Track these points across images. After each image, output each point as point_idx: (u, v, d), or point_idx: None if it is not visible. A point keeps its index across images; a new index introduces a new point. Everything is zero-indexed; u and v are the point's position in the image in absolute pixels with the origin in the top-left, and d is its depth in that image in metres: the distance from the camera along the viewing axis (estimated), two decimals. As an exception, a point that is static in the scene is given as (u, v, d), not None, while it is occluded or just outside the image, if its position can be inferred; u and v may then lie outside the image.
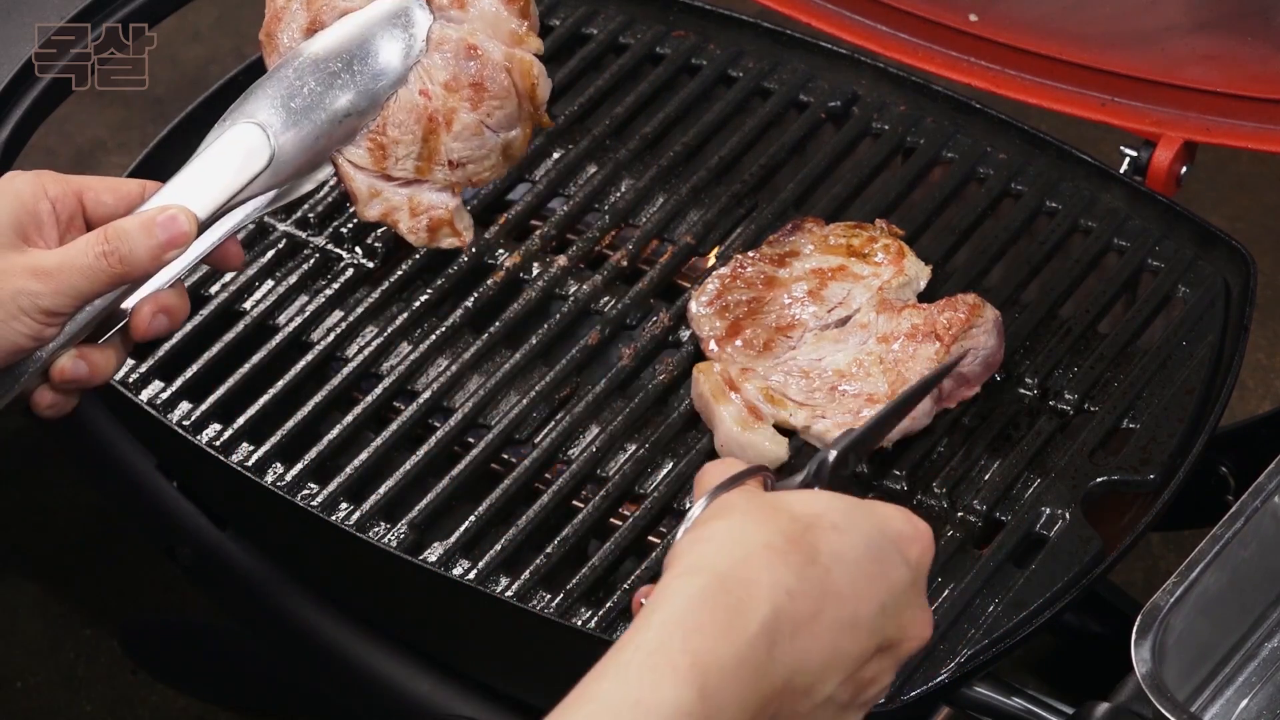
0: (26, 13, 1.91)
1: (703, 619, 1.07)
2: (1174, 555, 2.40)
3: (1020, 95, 1.96)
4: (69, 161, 2.96)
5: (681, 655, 1.06)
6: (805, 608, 1.10)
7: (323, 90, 1.44)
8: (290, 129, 1.42)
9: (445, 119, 1.47)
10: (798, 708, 1.11)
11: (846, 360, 1.69)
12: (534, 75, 1.52)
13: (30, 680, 2.40)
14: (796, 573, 1.10)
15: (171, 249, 1.36)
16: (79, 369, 1.37)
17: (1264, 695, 1.57)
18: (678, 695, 1.05)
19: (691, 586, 1.08)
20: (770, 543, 1.11)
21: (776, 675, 1.09)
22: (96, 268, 1.34)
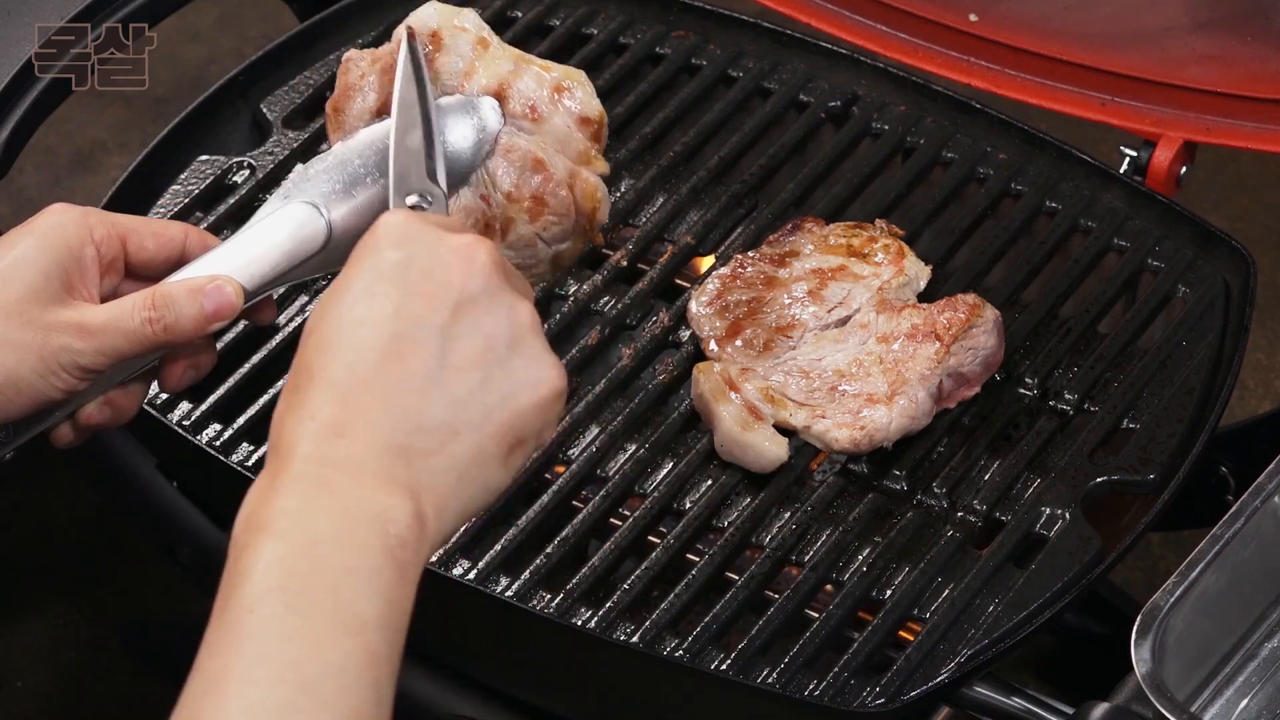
0: (26, 13, 1.91)
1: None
2: (1174, 555, 2.40)
3: (1020, 95, 1.96)
4: (69, 161, 2.96)
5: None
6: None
7: (384, 180, 1.41)
8: (349, 219, 1.40)
9: (502, 228, 1.47)
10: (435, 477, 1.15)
11: (846, 360, 1.69)
12: (597, 199, 1.52)
13: (30, 680, 2.40)
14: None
15: (217, 320, 1.36)
16: (104, 415, 1.38)
17: (1264, 695, 1.57)
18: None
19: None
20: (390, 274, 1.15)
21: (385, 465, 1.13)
22: (141, 333, 1.34)
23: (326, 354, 1.15)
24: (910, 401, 1.65)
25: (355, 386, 1.13)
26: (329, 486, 1.11)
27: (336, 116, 1.52)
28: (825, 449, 1.66)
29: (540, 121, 1.50)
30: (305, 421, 1.12)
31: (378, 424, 1.12)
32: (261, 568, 1.07)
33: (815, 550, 1.61)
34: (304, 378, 1.14)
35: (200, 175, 1.87)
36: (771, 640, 1.56)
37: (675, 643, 1.56)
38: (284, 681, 1.03)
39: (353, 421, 1.12)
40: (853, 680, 1.53)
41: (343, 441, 1.12)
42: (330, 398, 1.13)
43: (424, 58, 1.41)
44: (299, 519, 1.09)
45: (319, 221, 1.39)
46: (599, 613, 1.57)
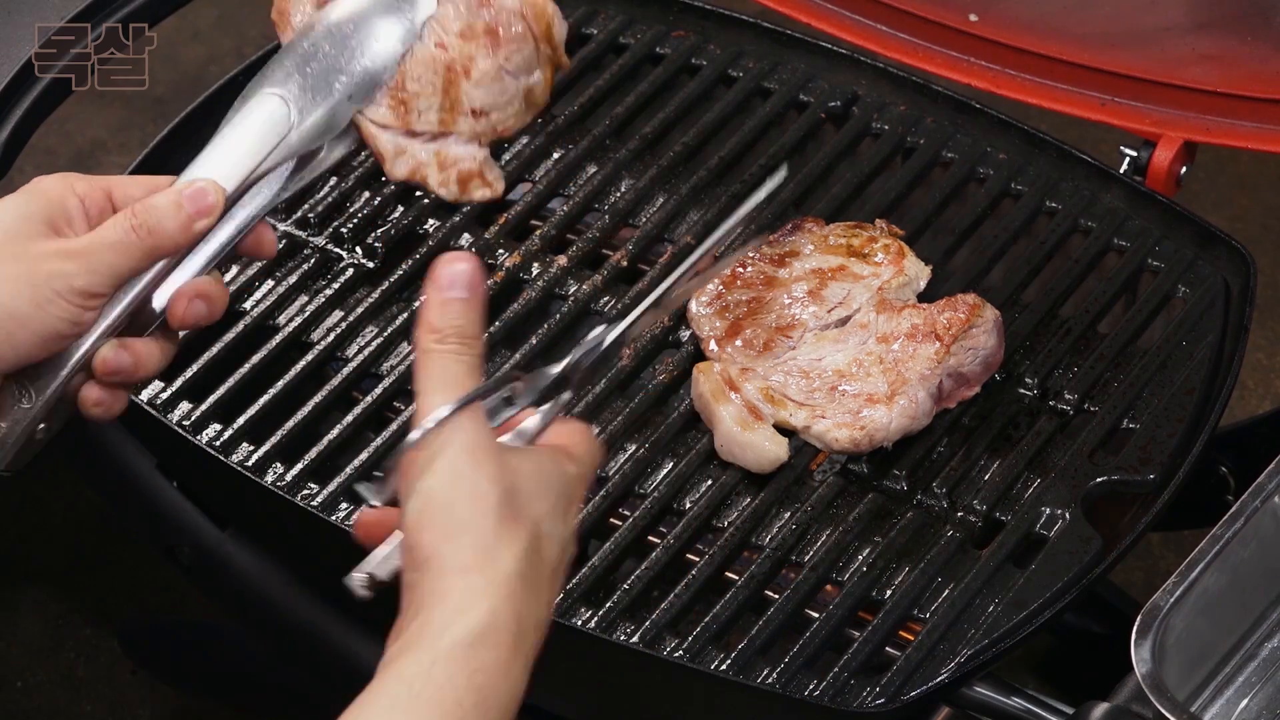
0: (26, 13, 1.91)
1: (484, 659, 1.17)
2: (1174, 555, 2.40)
3: (1020, 95, 1.96)
4: (69, 161, 2.96)
5: (468, 693, 1.16)
6: (542, 627, 1.22)
7: (337, 53, 1.43)
8: (308, 92, 1.41)
9: (464, 67, 1.46)
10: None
11: (846, 360, 1.69)
12: (548, 14, 1.51)
13: (30, 680, 2.40)
14: (542, 602, 1.21)
15: (200, 218, 1.35)
16: (122, 359, 1.34)
17: (1264, 695, 1.57)
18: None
19: (472, 621, 1.17)
20: (521, 571, 1.19)
21: (527, 673, 1.21)
22: (126, 241, 1.33)
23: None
24: (910, 401, 1.65)
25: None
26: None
27: (283, 19, 1.52)
28: (825, 449, 1.66)
29: None
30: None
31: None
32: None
33: (815, 550, 1.61)
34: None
35: (200, 175, 1.86)
36: (771, 640, 1.56)
37: (675, 643, 1.56)
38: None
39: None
40: (853, 680, 1.53)
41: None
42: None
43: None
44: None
45: (280, 105, 1.40)
46: (599, 613, 1.57)
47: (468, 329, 1.25)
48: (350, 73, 1.43)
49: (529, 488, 1.22)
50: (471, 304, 1.25)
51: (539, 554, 1.21)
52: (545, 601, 1.22)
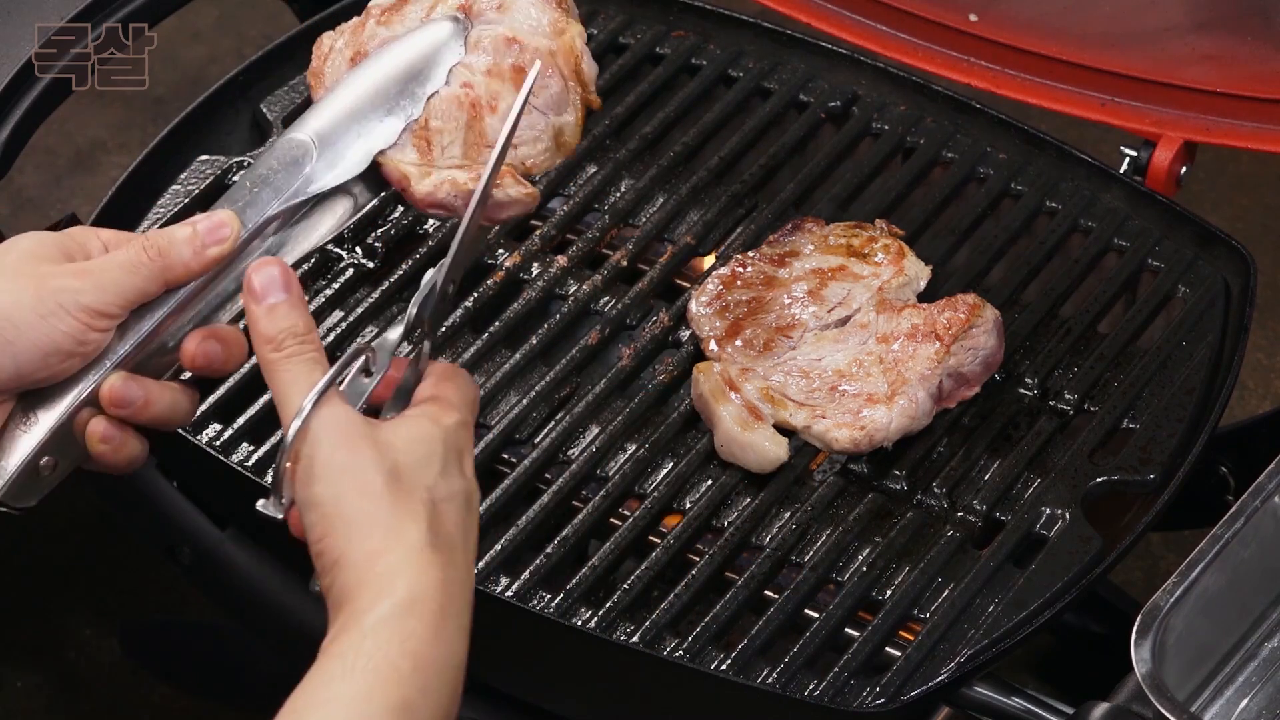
0: (26, 13, 1.91)
1: (414, 627, 1.21)
2: (1174, 555, 2.40)
3: (1020, 95, 1.96)
4: (69, 161, 2.96)
5: (402, 659, 1.20)
6: (467, 589, 1.26)
7: (363, 100, 1.44)
8: (331, 136, 1.42)
9: (489, 103, 1.46)
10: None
11: (846, 360, 1.69)
12: (577, 50, 1.51)
13: (30, 680, 2.40)
14: (457, 565, 1.25)
15: (213, 245, 1.33)
16: (131, 390, 1.32)
17: (1264, 695, 1.57)
18: (404, 693, 1.19)
19: (396, 599, 1.21)
20: (429, 542, 1.23)
21: (464, 653, 1.25)
22: (137, 260, 1.31)
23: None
24: (910, 401, 1.65)
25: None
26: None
27: (317, 79, 1.53)
28: (825, 449, 1.66)
29: (505, 10, 1.50)
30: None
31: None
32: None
33: (815, 550, 1.61)
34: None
35: (200, 175, 1.87)
36: (771, 640, 1.56)
37: (675, 643, 1.56)
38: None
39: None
40: (853, 680, 1.53)
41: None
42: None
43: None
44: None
45: (303, 143, 1.40)
46: (599, 613, 1.57)
47: (298, 327, 1.28)
48: (375, 115, 1.43)
49: (411, 459, 1.25)
50: (292, 302, 1.28)
51: (441, 519, 1.24)
52: (462, 562, 1.25)
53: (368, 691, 1.18)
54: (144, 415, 1.34)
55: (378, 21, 1.52)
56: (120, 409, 1.33)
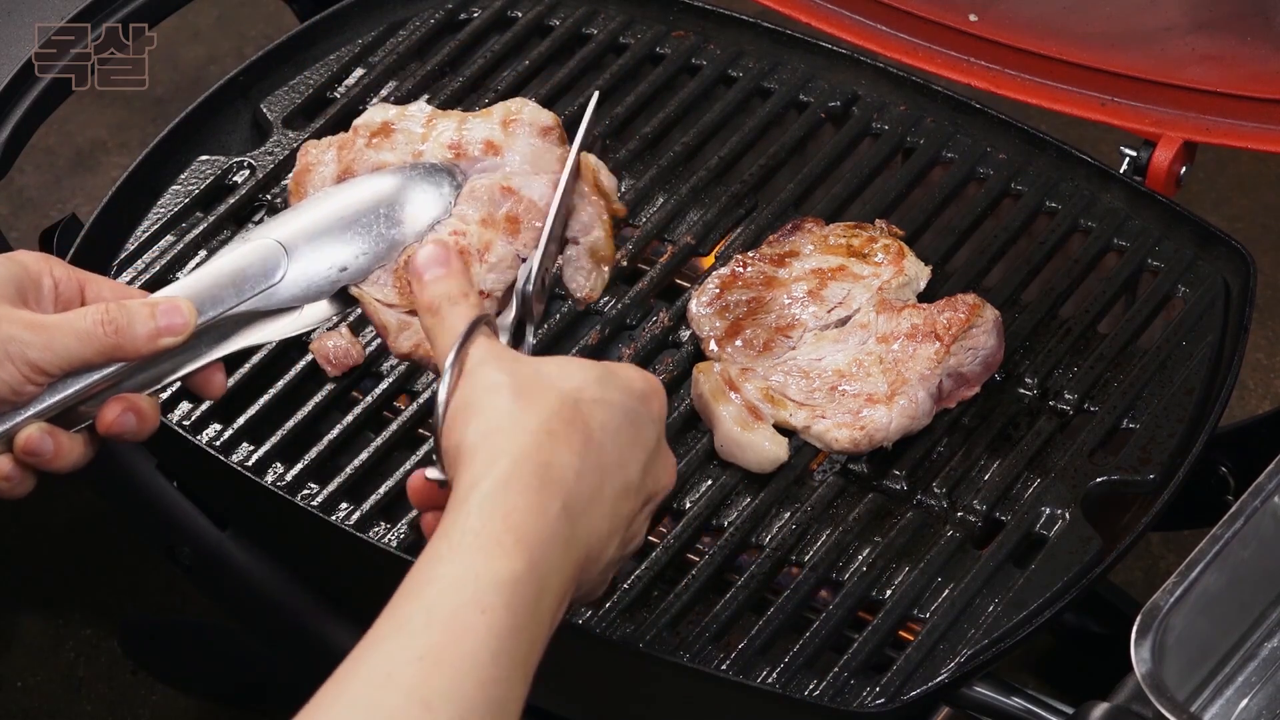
0: (26, 13, 1.91)
1: (515, 501, 1.21)
2: (1174, 555, 2.40)
3: (1020, 95, 1.96)
4: (69, 162, 2.96)
5: (505, 534, 1.20)
6: (590, 484, 1.25)
7: (345, 227, 1.46)
8: (306, 253, 1.44)
9: (479, 252, 1.49)
10: (591, 572, 1.28)
11: (846, 360, 1.69)
12: (593, 166, 1.53)
13: (30, 680, 2.40)
14: (578, 453, 1.25)
15: (169, 335, 1.38)
16: (45, 445, 1.36)
17: (1264, 695, 1.57)
18: (511, 566, 1.19)
19: (497, 472, 1.22)
20: (549, 426, 1.25)
21: (578, 547, 1.24)
22: (92, 333, 1.35)
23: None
24: (910, 401, 1.65)
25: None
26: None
27: (298, 190, 1.56)
28: (825, 449, 1.66)
29: (501, 153, 1.52)
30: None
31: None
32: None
33: (815, 550, 1.61)
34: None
35: (200, 175, 1.87)
36: (771, 640, 1.56)
37: (675, 643, 1.56)
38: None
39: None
40: (853, 680, 1.53)
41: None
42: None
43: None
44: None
45: (277, 253, 1.43)
46: (599, 613, 1.57)
47: (453, 291, 1.34)
48: (353, 249, 1.47)
49: (556, 370, 1.28)
50: (449, 275, 1.34)
51: (577, 413, 1.26)
52: (594, 459, 1.25)
53: (472, 568, 1.19)
54: (50, 466, 1.38)
55: (367, 144, 1.53)
56: (30, 458, 1.37)
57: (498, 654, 1.17)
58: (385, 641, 1.17)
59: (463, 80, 1.94)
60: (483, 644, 1.17)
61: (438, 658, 1.16)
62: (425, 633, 1.16)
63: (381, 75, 1.94)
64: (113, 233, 1.82)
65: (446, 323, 1.33)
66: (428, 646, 1.16)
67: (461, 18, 2.00)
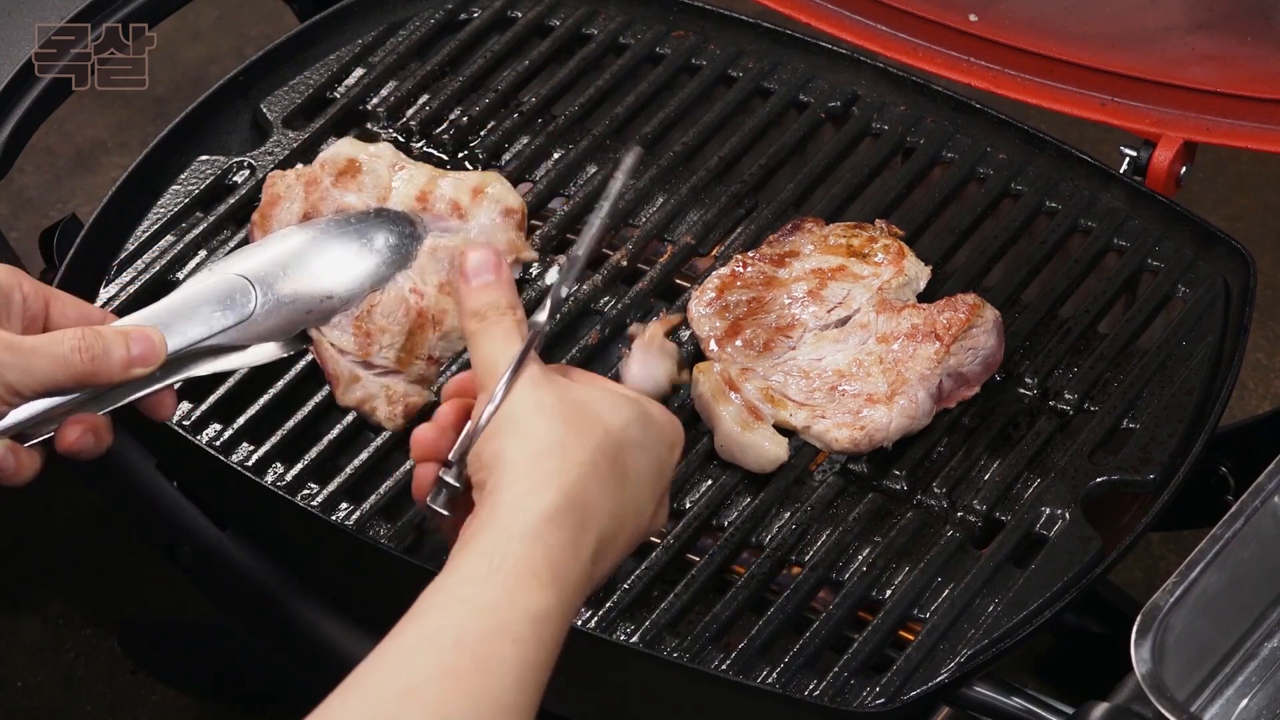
0: (26, 13, 1.91)
1: (558, 537, 1.22)
2: (1174, 555, 2.40)
3: (1020, 95, 1.97)
4: (69, 161, 2.96)
5: (545, 568, 1.21)
6: (615, 527, 1.27)
7: (314, 270, 1.51)
8: (275, 292, 1.48)
9: (435, 318, 1.53)
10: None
11: (846, 360, 1.69)
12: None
13: (30, 680, 2.40)
14: (616, 495, 1.27)
15: (141, 365, 1.41)
16: (7, 461, 1.39)
17: (1264, 695, 1.57)
18: (546, 601, 1.21)
19: (544, 503, 1.23)
20: (596, 462, 1.26)
21: (594, 585, 1.28)
22: (70, 359, 1.37)
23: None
24: (910, 401, 1.65)
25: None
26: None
27: (263, 223, 1.59)
28: (825, 449, 1.66)
29: (465, 218, 1.56)
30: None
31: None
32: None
33: (815, 550, 1.61)
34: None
35: (200, 175, 1.87)
36: (771, 640, 1.56)
37: (675, 643, 1.56)
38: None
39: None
40: (853, 680, 1.53)
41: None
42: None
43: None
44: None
45: (246, 290, 1.47)
46: (599, 613, 1.57)
47: (501, 302, 1.34)
48: (320, 291, 1.51)
49: (600, 404, 1.29)
50: (499, 283, 1.35)
51: (617, 454, 1.27)
52: (631, 504, 1.27)
53: (510, 598, 1.19)
54: (8, 481, 1.41)
55: (334, 183, 1.55)
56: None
57: (521, 683, 1.18)
58: (409, 653, 1.17)
59: (463, 80, 1.94)
60: (509, 673, 1.17)
61: (463, 679, 1.16)
62: (453, 652, 1.17)
63: (381, 75, 1.94)
64: (113, 233, 1.82)
65: (494, 332, 1.33)
66: (455, 667, 1.16)
67: (461, 18, 2.00)
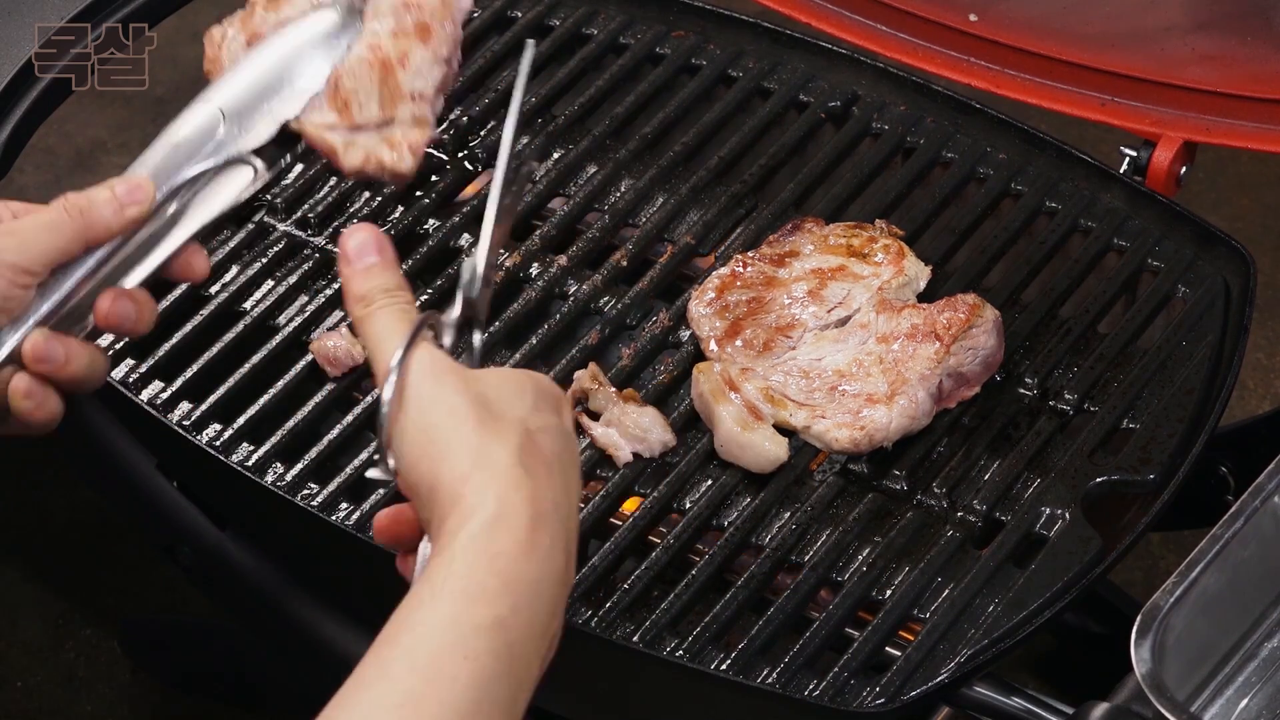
0: (26, 13, 1.91)
1: (503, 544, 1.19)
2: (1174, 555, 2.40)
3: (1020, 95, 1.96)
4: (69, 161, 2.96)
5: (490, 577, 1.18)
6: (563, 511, 1.24)
7: (270, 72, 1.49)
8: (241, 105, 1.47)
9: (399, 59, 1.51)
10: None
11: (846, 360, 1.69)
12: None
13: (30, 680, 2.40)
14: (546, 483, 1.23)
15: (132, 205, 1.39)
16: (53, 348, 1.36)
17: (1264, 695, 1.57)
18: (495, 612, 1.17)
19: (483, 515, 1.20)
20: (521, 460, 1.23)
21: (570, 572, 1.23)
22: (59, 220, 1.36)
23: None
24: (910, 401, 1.65)
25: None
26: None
27: (214, 69, 1.59)
28: (825, 449, 1.66)
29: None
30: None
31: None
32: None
33: (815, 550, 1.61)
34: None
35: (200, 175, 1.86)
36: (771, 640, 1.56)
37: (675, 643, 1.56)
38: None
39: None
40: (853, 680, 1.53)
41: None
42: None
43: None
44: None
45: (208, 108, 1.45)
46: (599, 613, 1.57)
47: (389, 284, 1.30)
48: (279, 81, 1.49)
49: (500, 394, 1.26)
50: (384, 264, 1.31)
51: (535, 444, 1.24)
52: (561, 486, 1.24)
53: (455, 614, 1.17)
54: (64, 372, 1.37)
55: (265, 8, 1.55)
56: (42, 365, 1.36)
57: (480, 701, 1.16)
58: (366, 689, 1.16)
59: (463, 80, 1.94)
60: (465, 691, 1.15)
61: (417, 705, 1.14)
62: (406, 678, 1.15)
63: (381, 75, 1.94)
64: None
65: (383, 316, 1.30)
66: (407, 693, 1.14)
67: (461, 18, 2.00)
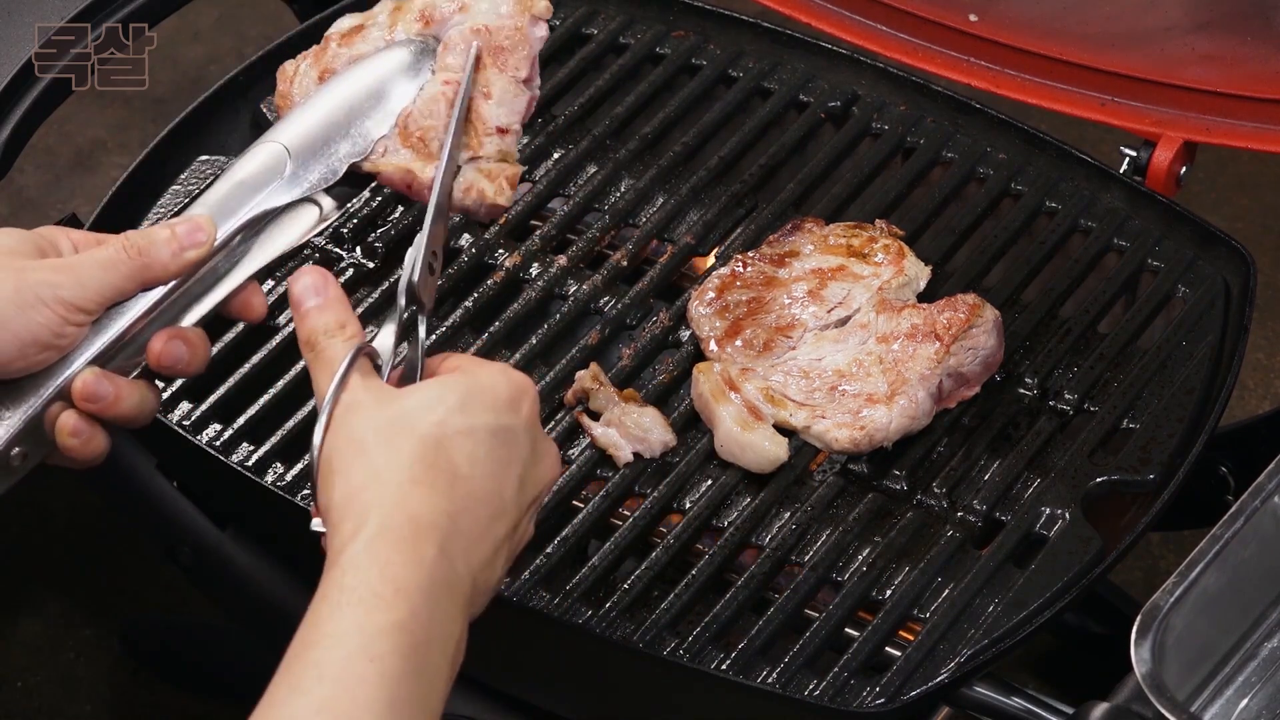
0: (26, 13, 1.91)
1: (389, 555, 1.21)
2: (1174, 555, 2.40)
3: (1020, 95, 1.96)
4: (69, 161, 2.96)
5: (383, 585, 1.20)
6: (466, 521, 1.25)
7: (338, 110, 1.47)
8: (307, 143, 1.45)
9: (484, 92, 1.49)
10: (483, 594, 1.29)
11: (846, 360, 1.69)
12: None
13: (30, 680, 2.40)
14: (445, 494, 1.25)
15: (191, 248, 1.37)
16: (102, 387, 1.35)
17: (1264, 695, 1.57)
18: (392, 615, 1.19)
19: (366, 530, 1.22)
20: (412, 475, 1.24)
21: (463, 584, 1.25)
22: (117, 259, 1.35)
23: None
24: (910, 401, 1.65)
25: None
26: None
27: (285, 102, 1.57)
28: (825, 449, 1.66)
29: (467, 9, 1.52)
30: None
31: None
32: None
33: (815, 550, 1.61)
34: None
35: (200, 175, 1.86)
36: (771, 640, 1.56)
37: (675, 643, 1.56)
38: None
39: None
40: (853, 680, 1.53)
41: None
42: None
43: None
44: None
45: (277, 149, 1.44)
46: (599, 613, 1.57)
47: (330, 325, 1.33)
48: (349, 124, 1.47)
49: (413, 407, 1.27)
50: (325, 305, 1.33)
51: (444, 451, 1.25)
52: (464, 491, 1.25)
53: (358, 622, 1.19)
54: (112, 411, 1.36)
55: (339, 44, 1.54)
56: (91, 403, 1.35)
57: (393, 701, 1.17)
58: (279, 706, 1.17)
59: (463, 80, 1.93)
60: (375, 691, 1.16)
61: (333, 710, 1.15)
62: (317, 688, 1.16)
63: (381, 75, 1.94)
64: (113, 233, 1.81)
65: (324, 357, 1.31)
66: (321, 701, 1.16)
67: (461, 18, 2.00)
